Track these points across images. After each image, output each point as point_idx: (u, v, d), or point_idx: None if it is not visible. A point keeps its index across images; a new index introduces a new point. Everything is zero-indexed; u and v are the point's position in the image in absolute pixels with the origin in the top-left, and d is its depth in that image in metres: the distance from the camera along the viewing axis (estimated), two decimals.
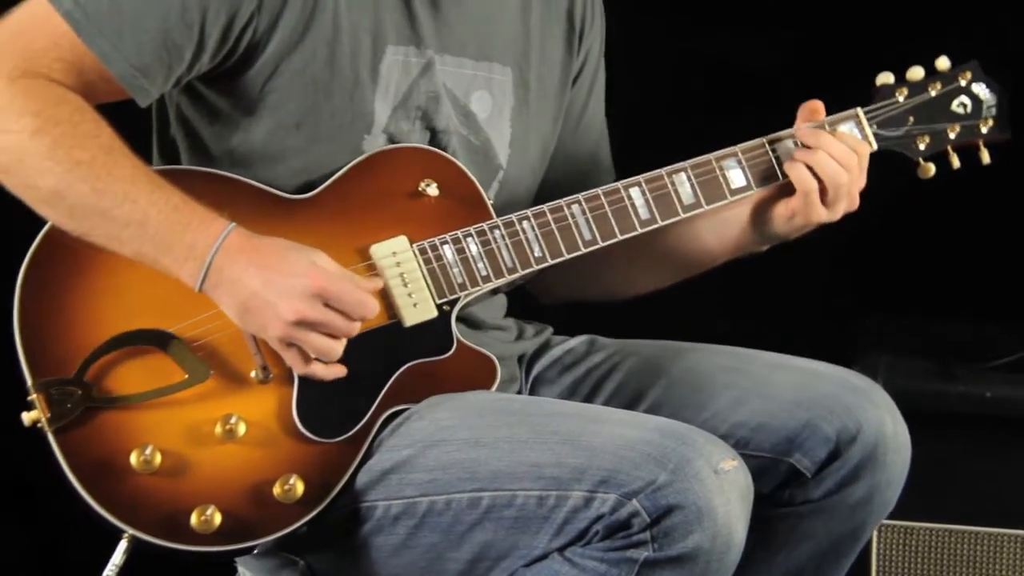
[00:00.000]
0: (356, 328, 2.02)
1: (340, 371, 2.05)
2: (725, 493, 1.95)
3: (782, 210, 2.26)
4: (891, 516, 2.23)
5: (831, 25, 3.28)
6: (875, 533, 2.85)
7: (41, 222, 2.05)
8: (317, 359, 2.03)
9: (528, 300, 2.43)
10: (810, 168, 2.22)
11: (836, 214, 2.24)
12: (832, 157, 2.21)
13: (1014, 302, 3.15)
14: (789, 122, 2.30)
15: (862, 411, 2.15)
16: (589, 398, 2.31)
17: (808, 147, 2.24)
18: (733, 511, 1.96)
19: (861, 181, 2.26)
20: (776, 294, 2.38)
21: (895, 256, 3.09)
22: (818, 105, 2.28)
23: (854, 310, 3.17)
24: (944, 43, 3.05)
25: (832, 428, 2.14)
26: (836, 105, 2.31)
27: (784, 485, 2.17)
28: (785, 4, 3.25)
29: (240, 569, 2.26)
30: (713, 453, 1.97)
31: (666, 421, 2.03)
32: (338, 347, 2.01)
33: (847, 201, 2.24)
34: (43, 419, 1.98)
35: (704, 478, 1.94)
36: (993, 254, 3.10)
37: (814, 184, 2.21)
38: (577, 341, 2.39)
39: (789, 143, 2.28)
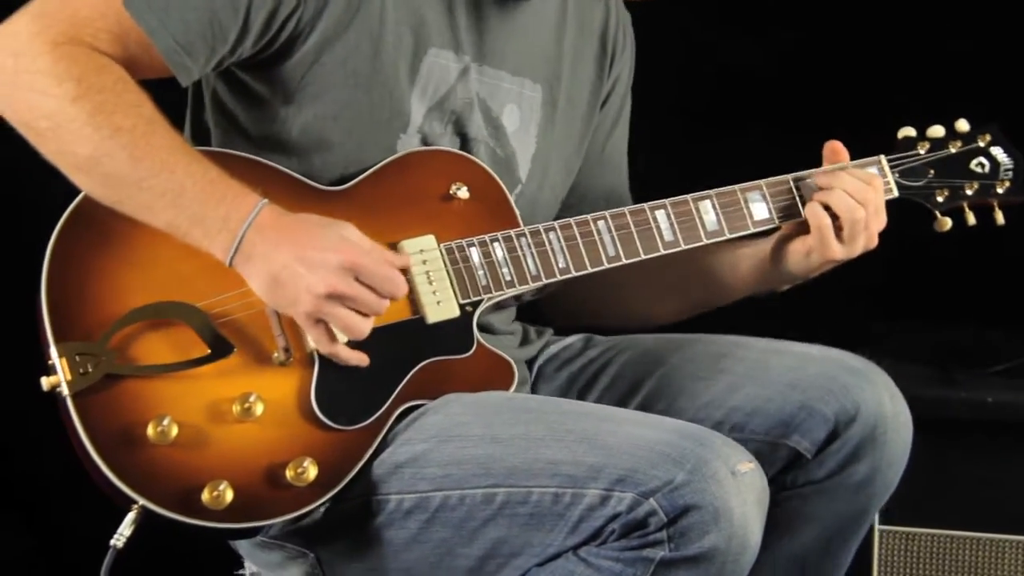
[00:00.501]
0: (385, 305, 2.03)
1: (363, 358, 2.05)
2: (742, 494, 1.95)
3: (799, 247, 2.29)
4: (893, 521, 2.24)
5: (834, 28, 3.35)
6: (876, 538, 2.84)
7: (72, 193, 2.06)
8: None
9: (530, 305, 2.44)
10: (826, 206, 2.25)
11: (854, 251, 2.27)
12: (847, 193, 2.25)
13: (1015, 308, 3.18)
14: (792, 128, 2.34)
15: (860, 391, 2.17)
16: (586, 390, 2.33)
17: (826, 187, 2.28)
18: (749, 512, 1.96)
19: (880, 220, 2.29)
20: (781, 301, 2.41)
21: (897, 263, 3.11)
22: (839, 147, 2.33)
23: (856, 316, 3.21)
24: (944, 46, 3.12)
25: (830, 409, 2.16)
26: (841, 110, 2.35)
27: (786, 469, 2.19)
28: (788, 7, 3.31)
29: (247, 563, 2.24)
30: (731, 455, 1.98)
31: (683, 423, 2.04)
32: (366, 325, 2.02)
33: (865, 238, 2.27)
34: (63, 383, 1.97)
35: (721, 479, 1.95)
36: (994, 260, 3.12)
37: (827, 220, 2.25)
38: (574, 338, 2.42)
39: (812, 182, 2.32)
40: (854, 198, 2.25)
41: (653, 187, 2.33)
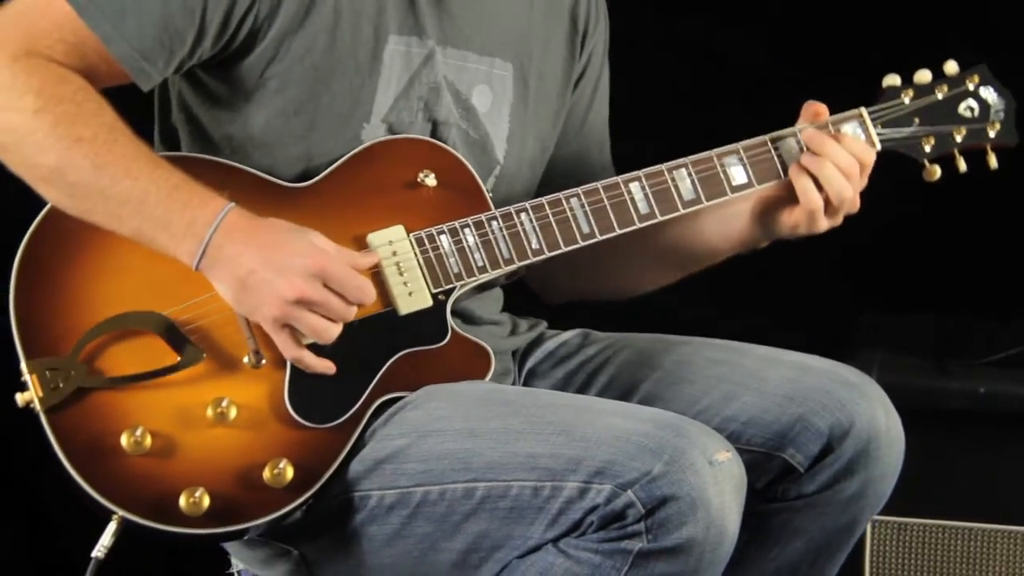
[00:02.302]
0: (353, 312, 2.09)
1: (329, 366, 2.11)
2: (719, 484, 2.01)
3: (786, 219, 2.32)
4: (885, 512, 2.27)
5: (818, 11, 3.35)
6: (869, 529, 2.93)
7: (39, 206, 2.11)
8: (307, 347, 2.08)
9: (523, 294, 2.48)
10: (815, 181, 2.27)
11: (838, 221, 2.31)
12: (838, 168, 2.26)
13: (1008, 298, 3.23)
14: (776, 109, 2.35)
15: (855, 405, 2.21)
16: (582, 391, 2.38)
17: (813, 153, 2.29)
18: (727, 502, 2.02)
19: (863, 184, 2.31)
20: (771, 291, 2.44)
21: (890, 253, 3.15)
22: (822, 108, 2.34)
23: (849, 307, 3.25)
24: (936, 35, 3.12)
25: (824, 423, 2.20)
26: (827, 92, 2.36)
27: (777, 480, 2.23)
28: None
29: (233, 561, 2.32)
30: (708, 444, 2.03)
31: (661, 412, 2.10)
32: (334, 330, 2.07)
33: (848, 206, 2.30)
34: (35, 399, 2.04)
35: (699, 469, 2.00)
36: (987, 250, 3.16)
37: (820, 203, 2.27)
38: (570, 335, 2.46)
39: (792, 142, 2.34)
40: (843, 172, 2.26)
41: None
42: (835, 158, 2.27)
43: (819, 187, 2.28)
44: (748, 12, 3.38)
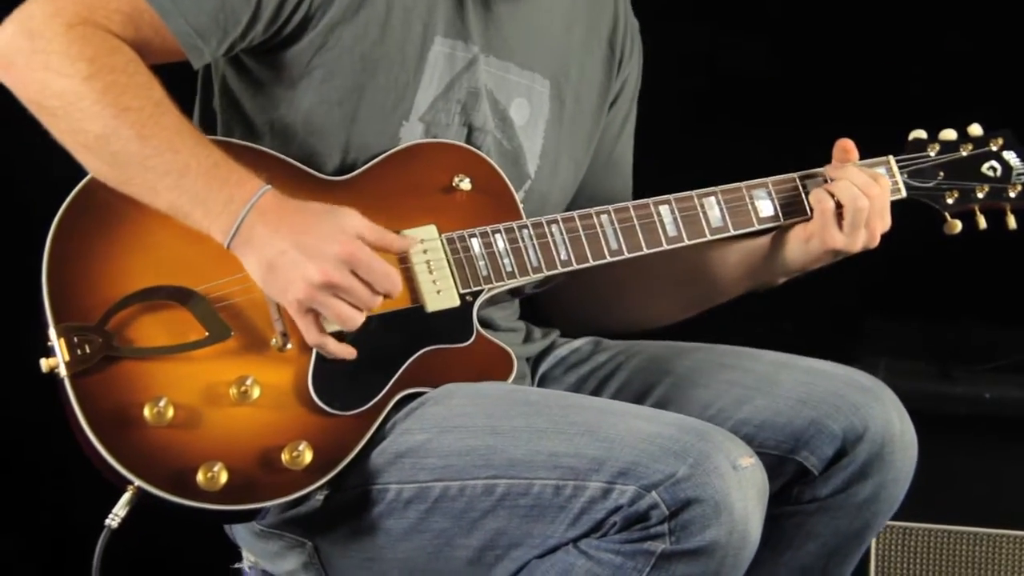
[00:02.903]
0: (378, 301, 2.10)
1: (350, 351, 2.12)
2: (743, 489, 2.03)
3: (799, 232, 2.37)
4: (890, 517, 2.30)
5: (839, 27, 3.43)
6: None
7: (74, 177, 2.13)
8: (330, 334, 2.10)
9: (537, 303, 2.50)
10: (830, 194, 2.34)
11: (854, 244, 2.35)
12: (853, 184, 2.34)
13: (1013, 304, 3.28)
14: (786, 127, 2.41)
15: (868, 409, 2.24)
16: (594, 395, 2.39)
17: (832, 178, 2.37)
18: (750, 507, 2.03)
19: (883, 221, 2.36)
20: (776, 297, 2.47)
21: (895, 259, 3.19)
22: (850, 145, 2.40)
23: (855, 312, 3.30)
24: (940, 47, 3.19)
25: (839, 426, 2.23)
26: (837, 108, 2.42)
27: (792, 483, 2.25)
28: (785, 8, 3.41)
29: (244, 553, 2.30)
30: (732, 449, 2.05)
31: (684, 417, 2.12)
32: (358, 317, 2.09)
33: (866, 235, 2.35)
34: (61, 363, 2.04)
35: (723, 473, 2.02)
36: (992, 257, 3.20)
37: (831, 204, 2.33)
38: (582, 342, 2.49)
39: (820, 180, 2.40)
40: (860, 189, 2.33)
41: (653, 192, 2.39)
42: (850, 177, 2.34)
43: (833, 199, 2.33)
44: (755, 22, 3.46)
